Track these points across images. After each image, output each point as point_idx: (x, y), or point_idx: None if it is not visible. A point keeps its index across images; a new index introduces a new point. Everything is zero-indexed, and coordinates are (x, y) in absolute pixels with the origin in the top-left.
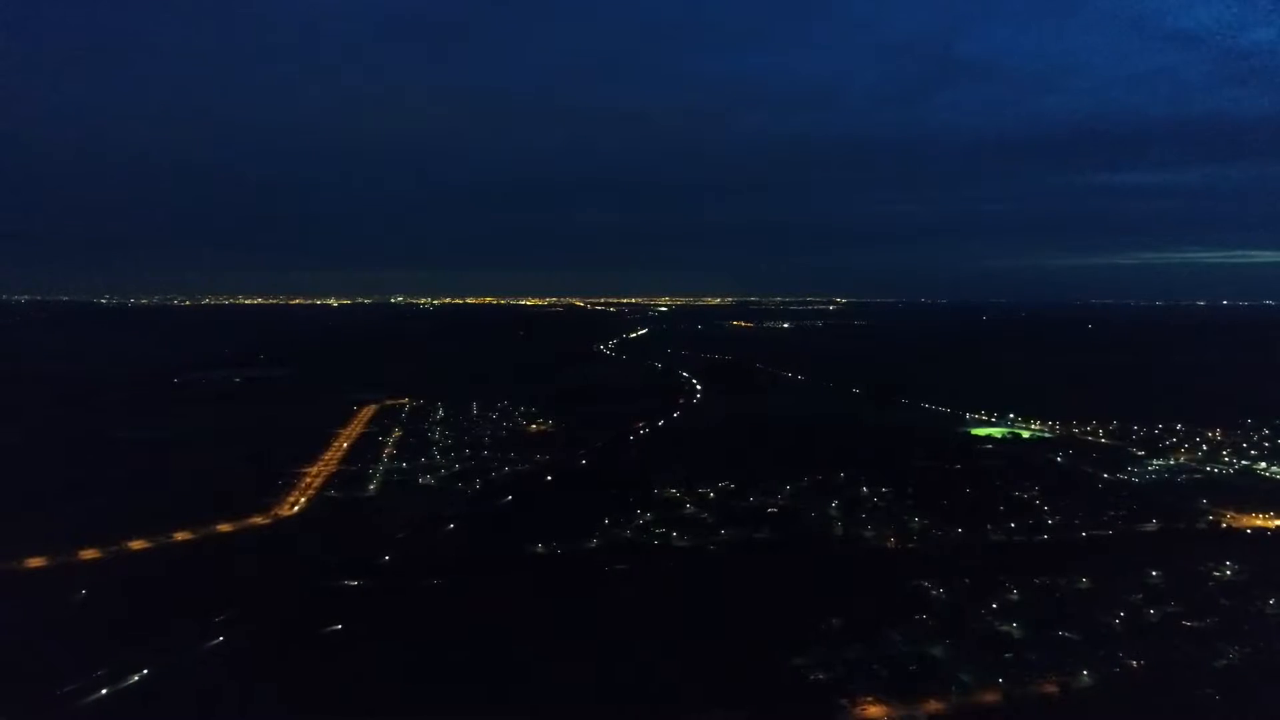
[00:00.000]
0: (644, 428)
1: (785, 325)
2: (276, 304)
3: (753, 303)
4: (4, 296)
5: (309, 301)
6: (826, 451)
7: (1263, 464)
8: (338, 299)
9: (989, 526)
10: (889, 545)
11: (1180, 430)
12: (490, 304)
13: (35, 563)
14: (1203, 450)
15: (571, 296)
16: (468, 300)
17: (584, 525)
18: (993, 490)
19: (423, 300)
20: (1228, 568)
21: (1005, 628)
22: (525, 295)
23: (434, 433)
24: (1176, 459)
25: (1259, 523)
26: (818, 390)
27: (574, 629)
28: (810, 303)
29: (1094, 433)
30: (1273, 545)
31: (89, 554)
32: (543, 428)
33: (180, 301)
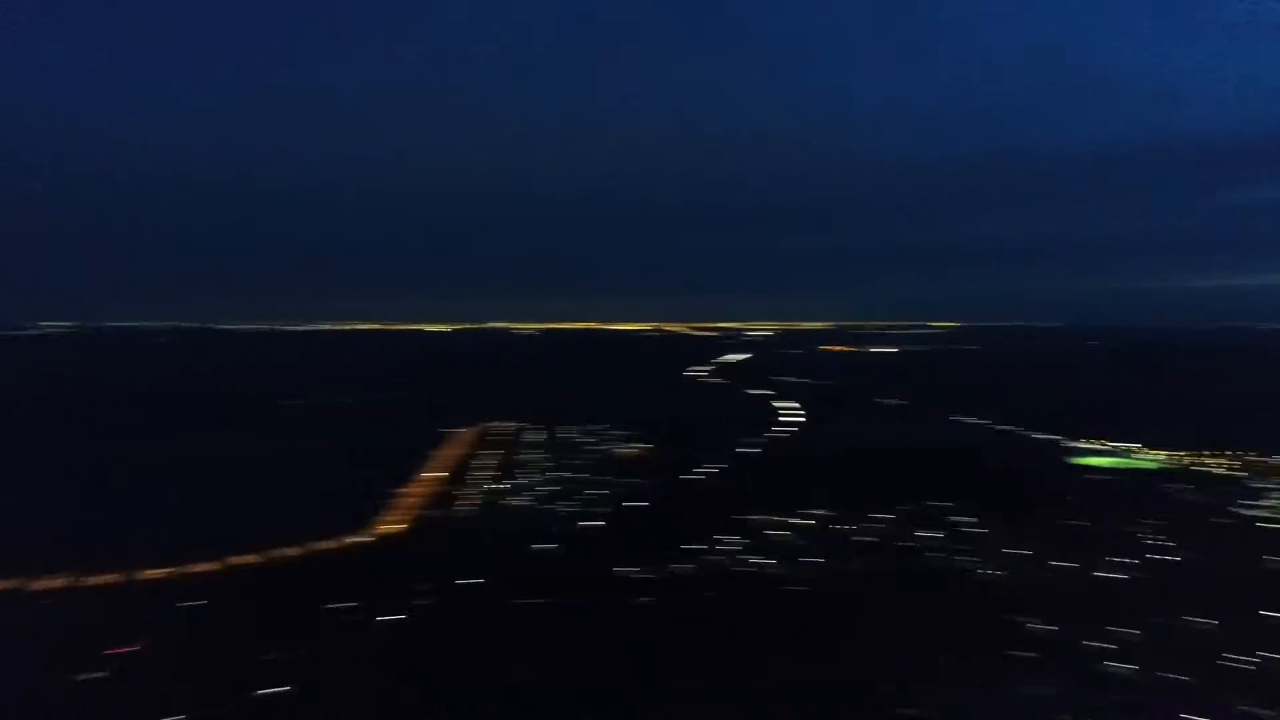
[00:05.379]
0: (739, 453)
1: (888, 350)
2: (393, 329)
3: (853, 327)
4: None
5: (418, 327)
6: (925, 480)
7: None
8: (449, 324)
9: (1097, 560)
10: (988, 576)
11: None
12: (587, 329)
13: (152, 574)
14: None
15: (666, 321)
16: (564, 325)
17: (675, 549)
18: (1100, 522)
19: (524, 325)
20: None
21: (1117, 667)
22: (621, 320)
23: (531, 454)
24: None
25: None
26: (919, 417)
27: (656, 653)
28: (915, 327)
29: (1216, 464)
30: None
31: (201, 567)
32: (639, 451)
33: (325, 327)
